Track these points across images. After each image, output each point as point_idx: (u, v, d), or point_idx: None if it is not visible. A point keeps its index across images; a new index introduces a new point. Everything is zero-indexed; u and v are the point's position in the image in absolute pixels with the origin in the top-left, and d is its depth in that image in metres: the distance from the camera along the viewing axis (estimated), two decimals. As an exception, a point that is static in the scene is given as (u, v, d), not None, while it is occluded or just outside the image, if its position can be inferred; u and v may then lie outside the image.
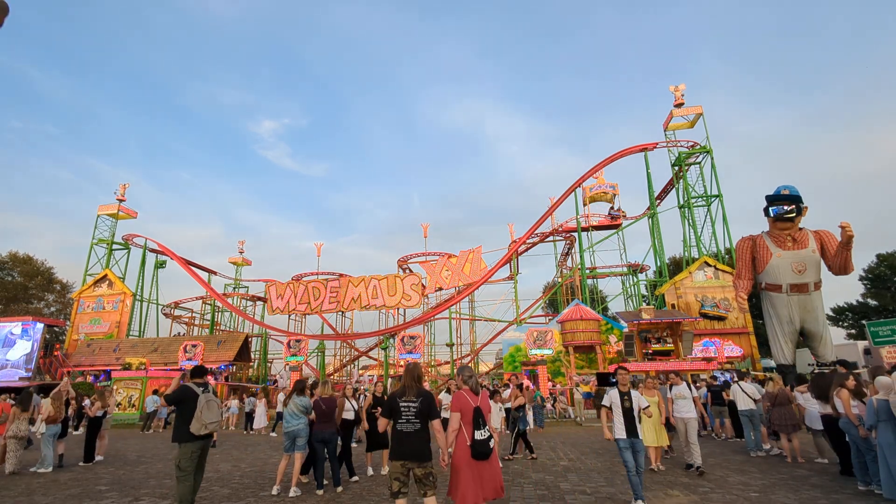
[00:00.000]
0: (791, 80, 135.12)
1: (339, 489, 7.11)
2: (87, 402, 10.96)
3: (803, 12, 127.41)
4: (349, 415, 8.49)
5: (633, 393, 6.33)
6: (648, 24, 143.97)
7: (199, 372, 6.12)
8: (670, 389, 9.01)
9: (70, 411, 11.55)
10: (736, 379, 11.41)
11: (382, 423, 4.70)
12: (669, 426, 8.92)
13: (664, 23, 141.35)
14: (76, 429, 16.59)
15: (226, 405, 20.08)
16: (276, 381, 31.48)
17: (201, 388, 5.82)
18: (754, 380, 12.24)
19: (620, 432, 6.10)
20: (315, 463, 7.17)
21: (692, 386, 8.89)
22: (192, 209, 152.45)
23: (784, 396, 9.35)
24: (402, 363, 25.70)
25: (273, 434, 16.03)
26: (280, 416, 13.66)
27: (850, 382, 7.15)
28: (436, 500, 4.37)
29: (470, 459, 4.30)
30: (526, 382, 15.97)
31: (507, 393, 10.67)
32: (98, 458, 10.52)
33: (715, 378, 16.59)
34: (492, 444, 4.40)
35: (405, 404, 4.51)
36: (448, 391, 8.96)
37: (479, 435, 4.33)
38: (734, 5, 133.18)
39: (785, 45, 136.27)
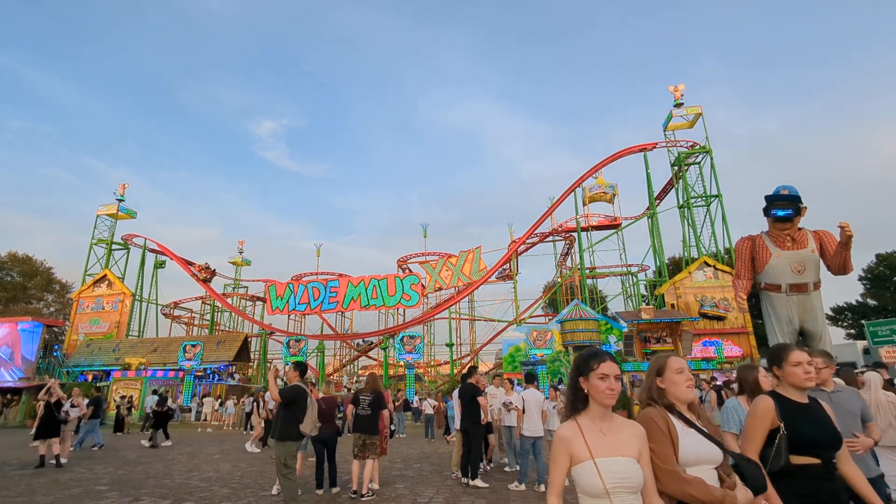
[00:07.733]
0: (791, 81, 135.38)
1: (336, 489, 7.08)
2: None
3: (803, 13, 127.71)
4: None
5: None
6: (648, 26, 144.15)
7: (303, 370, 5.98)
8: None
9: (62, 413, 11.47)
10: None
11: (349, 409, 6.98)
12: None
13: (664, 24, 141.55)
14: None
15: (225, 406, 20.13)
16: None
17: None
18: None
19: None
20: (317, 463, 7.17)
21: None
22: (191, 209, 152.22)
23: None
24: (401, 363, 25.94)
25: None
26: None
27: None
28: (373, 463, 6.62)
29: None
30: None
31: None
32: (61, 460, 10.08)
33: (715, 378, 16.60)
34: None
35: (363, 397, 6.85)
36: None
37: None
38: (734, 7, 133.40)
39: (785, 45, 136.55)
